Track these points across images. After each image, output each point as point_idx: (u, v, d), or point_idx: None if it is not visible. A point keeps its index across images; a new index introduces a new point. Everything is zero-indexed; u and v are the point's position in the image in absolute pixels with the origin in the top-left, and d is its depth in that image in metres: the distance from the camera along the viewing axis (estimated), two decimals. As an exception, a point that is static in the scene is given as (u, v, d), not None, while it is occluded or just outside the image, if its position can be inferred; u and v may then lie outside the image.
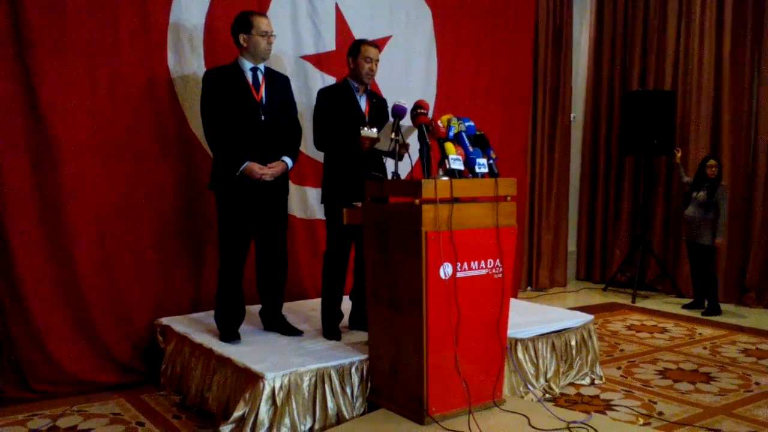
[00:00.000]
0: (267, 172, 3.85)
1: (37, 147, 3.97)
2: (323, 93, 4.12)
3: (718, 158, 6.38)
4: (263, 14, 4.05)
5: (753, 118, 6.89)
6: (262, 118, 3.90)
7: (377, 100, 4.25)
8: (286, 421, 3.31)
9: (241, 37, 3.89)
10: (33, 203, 3.98)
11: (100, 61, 4.15)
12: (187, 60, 4.49)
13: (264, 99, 3.93)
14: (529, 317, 4.41)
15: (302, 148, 4.70)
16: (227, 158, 3.82)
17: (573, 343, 4.35)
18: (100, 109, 4.16)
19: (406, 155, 3.64)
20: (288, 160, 3.98)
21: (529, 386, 4.03)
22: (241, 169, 3.79)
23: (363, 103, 4.12)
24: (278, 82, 4.07)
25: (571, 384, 4.30)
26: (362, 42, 4.09)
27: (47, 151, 3.99)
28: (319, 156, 4.33)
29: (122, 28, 4.22)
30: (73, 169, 4.07)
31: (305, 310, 4.61)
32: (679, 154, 6.73)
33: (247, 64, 3.93)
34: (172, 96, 4.45)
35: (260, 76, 3.95)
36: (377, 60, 4.08)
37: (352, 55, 4.07)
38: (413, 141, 3.54)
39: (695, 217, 6.28)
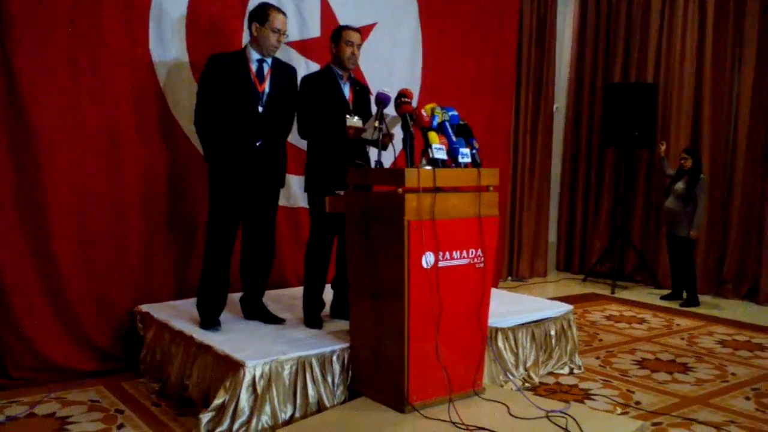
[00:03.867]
0: None
1: (16, 133, 3.91)
2: (307, 80, 4.09)
3: (693, 150, 6.44)
4: (281, 11, 3.97)
5: (733, 112, 6.95)
6: (260, 109, 3.88)
7: (360, 88, 4.23)
8: (267, 409, 3.30)
9: (254, 26, 3.88)
10: (12, 189, 3.92)
11: (82, 48, 4.08)
12: (170, 47, 4.43)
13: (267, 91, 3.91)
14: (509, 307, 4.43)
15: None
16: (211, 143, 3.81)
17: (552, 332, 4.38)
18: (81, 97, 4.10)
19: (390, 145, 3.64)
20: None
21: (509, 375, 4.05)
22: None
23: (347, 91, 4.10)
24: (285, 74, 4.04)
25: (551, 373, 4.34)
26: (344, 27, 4.08)
27: (27, 138, 3.93)
28: (303, 144, 4.31)
29: (104, 15, 4.15)
30: (54, 156, 4.01)
31: (287, 299, 4.60)
32: (663, 147, 6.76)
33: (254, 55, 3.92)
34: (155, 83, 4.39)
35: (266, 68, 3.93)
36: (359, 44, 4.05)
37: (334, 41, 4.05)
38: (398, 131, 3.53)
39: (674, 209, 6.34)
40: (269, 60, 3.96)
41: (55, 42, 3.98)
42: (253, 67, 3.91)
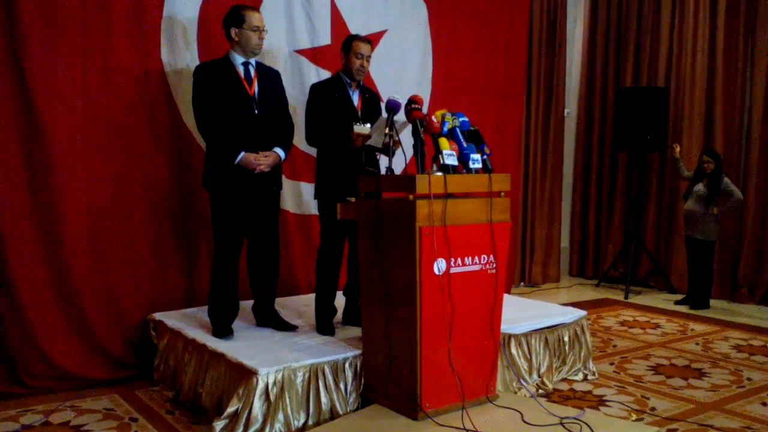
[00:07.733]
0: (262, 161, 3.84)
1: (29, 142, 3.94)
2: (315, 88, 4.11)
3: (715, 153, 6.37)
4: (256, 9, 4.02)
5: (745, 115, 6.92)
6: (256, 112, 3.89)
7: (370, 95, 4.24)
8: (280, 416, 3.31)
9: (233, 31, 3.88)
10: (25, 198, 3.95)
11: (93, 55, 4.12)
12: (181, 54, 4.47)
13: (257, 93, 3.92)
14: (522, 313, 4.41)
15: (296, 143, 4.69)
16: (223, 149, 3.81)
17: (566, 338, 4.36)
18: (93, 104, 4.14)
19: (399, 150, 3.64)
20: (281, 152, 3.97)
21: (523, 382, 4.04)
22: (237, 159, 3.78)
23: (356, 99, 4.11)
24: (270, 76, 4.07)
25: (564, 379, 4.31)
26: (354, 37, 4.09)
27: (39, 146, 3.96)
28: (313, 151, 4.32)
29: (115, 22, 4.19)
30: (66, 164, 4.04)
31: (299, 306, 4.61)
32: (678, 149, 6.73)
33: (239, 59, 3.92)
34: (166, 90, 4.42)
35: (252, 71, 3.95)
36: (369, 56, 4.08)
37: (344, 51, 4.07)
38: (408, 136, 3.53)
39: (695, 210, 6.29)
40: (253, 62, 3.98)
41: (67, 51, 4.02)
42: (240, 71, 3.92)
